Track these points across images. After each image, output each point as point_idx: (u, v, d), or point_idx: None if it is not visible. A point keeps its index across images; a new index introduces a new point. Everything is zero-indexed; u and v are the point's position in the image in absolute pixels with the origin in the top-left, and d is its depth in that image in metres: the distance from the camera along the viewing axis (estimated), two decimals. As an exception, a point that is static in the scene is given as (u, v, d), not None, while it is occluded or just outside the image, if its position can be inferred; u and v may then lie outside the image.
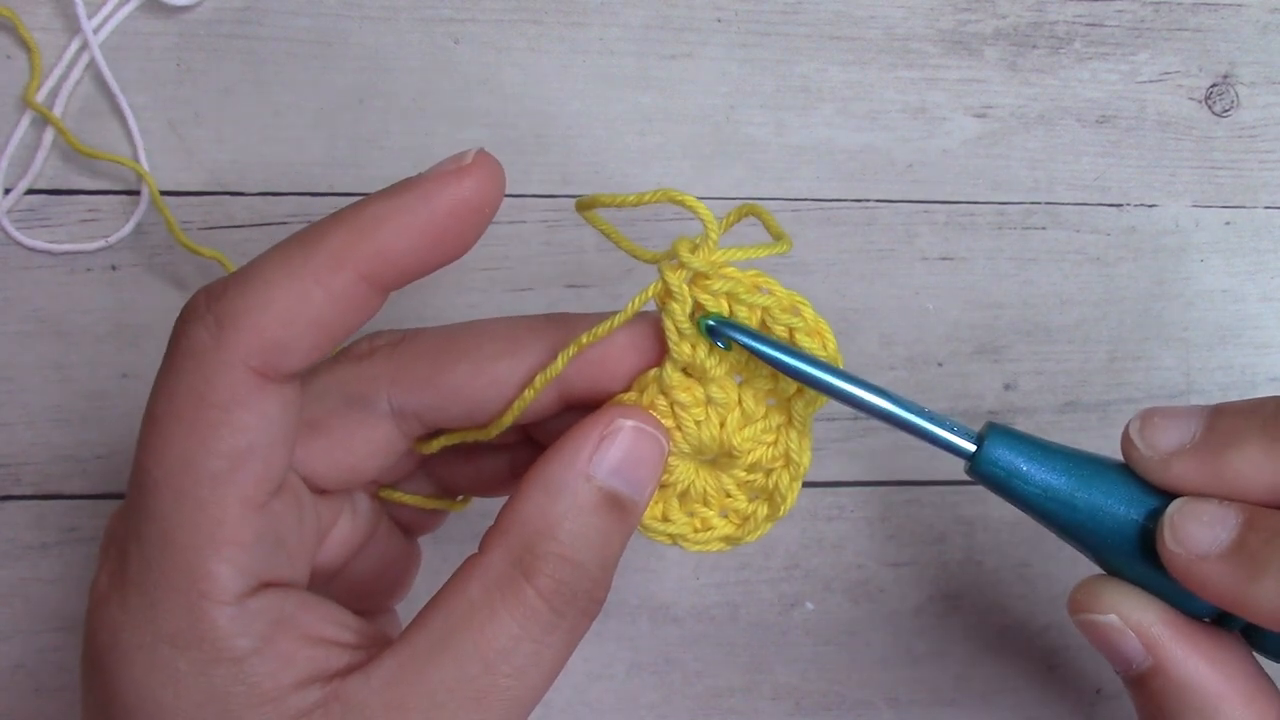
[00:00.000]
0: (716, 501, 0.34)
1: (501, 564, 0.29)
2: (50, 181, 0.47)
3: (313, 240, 0.27)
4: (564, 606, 0.29)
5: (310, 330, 0.27)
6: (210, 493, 0.27)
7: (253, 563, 0.27)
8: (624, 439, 0.30)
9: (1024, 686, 0.47)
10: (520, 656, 0.28)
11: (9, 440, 0.45)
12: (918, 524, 0.48)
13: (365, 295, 0.28)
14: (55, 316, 0.46)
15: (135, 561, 0.27)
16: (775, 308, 0.31)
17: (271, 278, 0.27)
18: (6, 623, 0.44)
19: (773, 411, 0.33)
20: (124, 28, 0.48)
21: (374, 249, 0.27)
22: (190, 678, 0.27)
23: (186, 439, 0.27)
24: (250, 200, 0.47)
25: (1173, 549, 0.31)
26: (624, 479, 0.30)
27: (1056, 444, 0.34)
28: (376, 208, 0.28)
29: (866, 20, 0.51)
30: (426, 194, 0.28)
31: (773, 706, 0.46)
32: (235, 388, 0.27)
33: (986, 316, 0.49)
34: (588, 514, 0.30)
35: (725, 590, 0.47)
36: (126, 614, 0.27)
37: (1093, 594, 0.33)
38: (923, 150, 0.50)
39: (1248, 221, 0.51)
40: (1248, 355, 0.50)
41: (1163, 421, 0.33)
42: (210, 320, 0.27)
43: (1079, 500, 0.32)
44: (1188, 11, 0.52)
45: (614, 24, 0.50)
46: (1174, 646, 0.32)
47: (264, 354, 0.27)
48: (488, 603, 0.28)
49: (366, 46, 0.49)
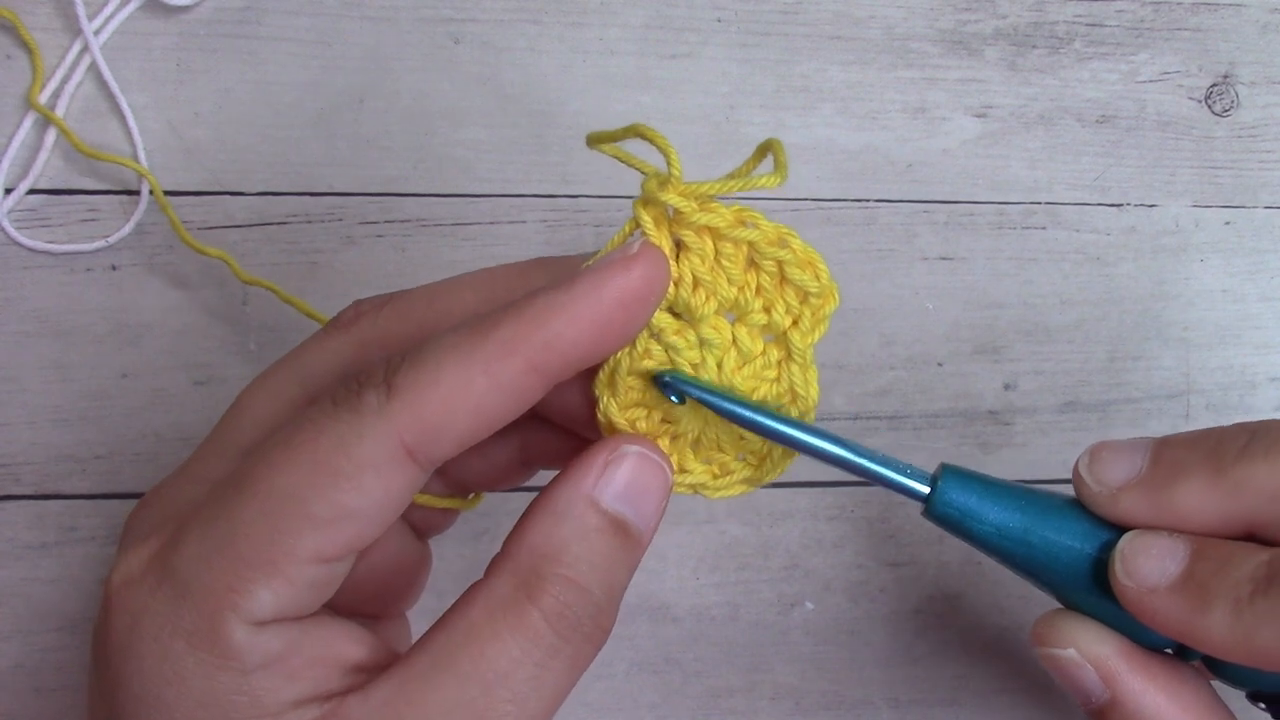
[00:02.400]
0: (731, 445, 0.33)
1: (506, 587, 0.29)
2: (50, 182, 0.47)
3: (485, 328, 0.28)
4: (568, 631, 0.29)
5: (470, 416, 0.28)
6: (297, 530, 0.27)
7: (293, 601, 0.28)
8: (629, 465, 0.30)
9: (1024, 686, 0.47)
10: (521, 681, 0.28)
11: (9, 440, 0.45)
12: (918, 524, 0.48)
13: (530, 385, 0.28)
14: (55, 316, 0.46)
15: (189, 553, 0.27)
16: (761, 242, 0.30)
17: (443, 360, 0.28)
18: (6, 623, 0.44)
19: (770, 347, 0.32)
20: (124, 28, 0.48)
21: (544, 339, 0.28)
22: (196, 679, 0.27)
23: (307, 474, 0.27)
24: (250, 200, 0.47)
25: (1124, 582, 0.31)
26: (629, 505, 0.30)
27: (1010, 483, 0.34)
28: (548, 298, 0.28)
29: (866, 20, 0.51)
30: (597, 285, 0.28)
31: (773, 706, 0.46)
32: (380, 453, 0.27)
33: (986, 316, 0.49)
34: (594, 538, 0.29)
35: (725, 590, 0.47)
36: (154, 601, 0.27)
37: (1052, 628, 0.34)
38: (923, 150, 0.50)
39: (1248, 221, 0.51)
40: (1248, 355, 0.50)
41: (1110, 456, 0.33)
42: (383, 389, 0.27)
43: (1033, 538, 0.33)
44: (1188, 11, 0.52)
45: (614, 24, 0.50)
46: (1131, 679, 0.32)
47: (421, 433, 0.27)
48: (490, 624, 0.28)
49: (366, 46, 0.49)
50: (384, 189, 0.48)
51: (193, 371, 0.46)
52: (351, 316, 0.33)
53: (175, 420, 0.46)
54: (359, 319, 0.33)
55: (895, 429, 0.48)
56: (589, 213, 0.48)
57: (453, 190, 0.48)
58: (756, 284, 0.31)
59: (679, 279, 0.30)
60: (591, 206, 0.48)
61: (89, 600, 0.45)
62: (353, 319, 0.33)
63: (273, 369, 0.33)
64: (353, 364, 0.32)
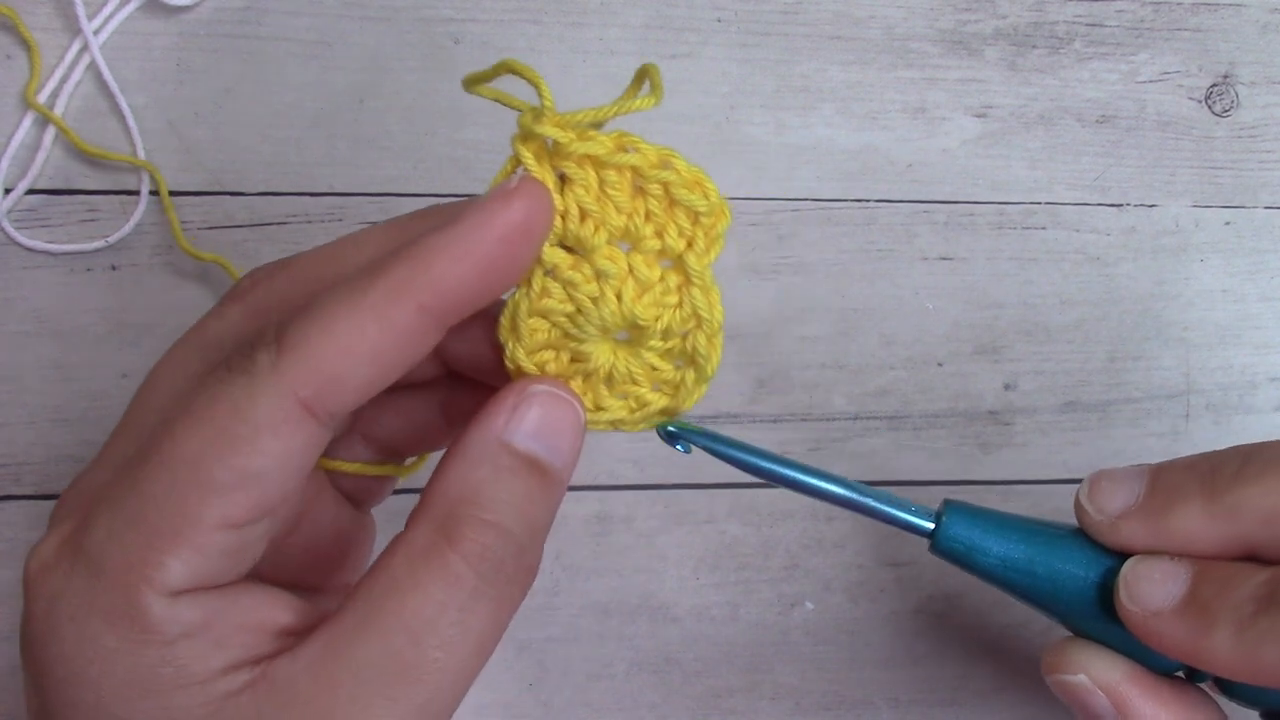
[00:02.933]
0: (645, 377, 0.33)
1: (424, 535, 0.29)
2: (50, 181, 0.47)
3: (372, 274, 0.28)
4: (490, 573, 0.28)
5: (367, 363, 0.28)
6: (201, 498, 0.27)
7: (206, 570, 0.27)
8: (538, 405, 0.30)
9: (1024, 686, 0.47)
10: (447, 626, 0.28)
11: (9, 440, 0.45)
12: (918, 524, 0.48)
13: (423, 329, 0.28)
14: (55, 316, 0.46)
15: (100, 532, 0.27)
16: (644, 165, 0.30)
17: (334, 311, 0.27)
18: (6, 623, 0.44)
19: (669, 273, 0.31)
20: (124, 28, 0.48)
21: (430, 280, 0.28)
22: (118, 655, 0.27)
23: (206, 441, 0.27)
24: (250, 200, 0.47)
25: (1129, 607, 0.32)
26: (542, 444, 0.30)
27: (1013, 515, 0.35)
28: (431, 239, 0.28)
29: (866, 20, 0.51)
30: (477, 222, 0.28)
31: (773, 706, 0.46)
32: (274, 413, 0.27)
33: (986, 316, 0.49)
34: (508, 478, 0.29)
35: (725, 590, 0.47)
36: (68, 584, 0.27)
37: (1062, 655, 0.34)
38: (923, 150, 0.50)
39: (1248, 221, 0.51)
40: (1248, 355, 0.50)
41: (1108, 485, 0.34)
42: (273, 346, 0.27)
43: (1038, 568, 0.34)
44: (1188, 11, 0.52)
45: (614, 24, 0.50)
46: (1142, 704, 0.33)
47: (318, 385, 0.27)
48: (411, 573, 0.28)
49: (366, 46, 0.49)
50: (384, 189, 0.48)
51: (193, 371, 0.46)
52: (248, 285, 0.32)
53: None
54: (255, 286, 0.32)
55: (895, 429, 0.48)
56: (589, 213, 0.48)
57: (453, 190, 0.48)
58: (645, 209, 0.31)
59: (565, 212, 0.30)
60: (591, 206, 0.48)
61: (89, 600, 0.45)
62: (249, 287, 0.32)
63: (174, 346, 0.32)
64: (249, 330, 0.31)
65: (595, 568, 0.46)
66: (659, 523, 0.47)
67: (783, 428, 0.48)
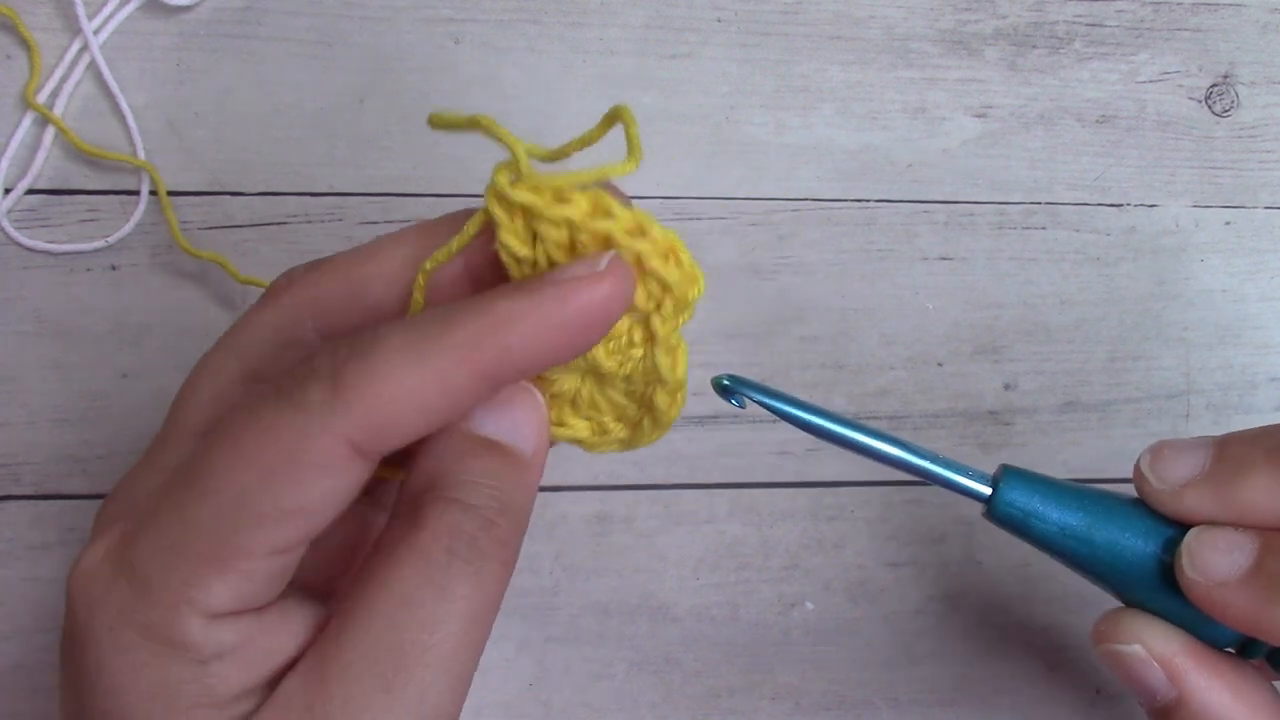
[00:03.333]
0: (608, 408, 0.32)
1: (395, 527, 0.29)
2: (50, 181, 0.47)
3: (439, 331, 0.27)
4: (462, 548, 0.28)
5: (418, 419, 0.27)
6: (249, 530, 0.27)
7: (250, 593, 0.28)
8: (497, 395, 0.30)
9: (1024, 686, 0.47)
10: (425, 606, 0.28)
11: (9, 440, 0.45)
12: (918, 524, 0.48)
13: (479, 390, 0.28)
14: (55, 316, 0.46)
15: (145, 549, 0.27)
16: (618, 233, 0.29)
17: (395, 361, 0.27)
18: (6, 623, 0.44)
19: (635, 326, 0.31)
20: (124, 28, 0.48)
21: (499, 348, 0.27)
22: (149, 668, 0.27)
23: (256, 476, 0.27)
24: (250, 200, 0.47)
25: (1192, 577, 0.32)
26: (499, 426, 0.30)
27: (1069, 482, 0.34)
28: (507, 305, 0.27)
29: (866, 20, 0.51)
30: (562, 296, 0.28)
31: (773, 706, 0.46)
32: (327, 455, 0.27)
33: (986, 316, 0.49)
34: (469, 460, 0.29)
35: (725, 590, 0.47)
36: (110, 594, 0.27)
37: (1117, 625, 0.34)
38: (923, 150, 0.50)
39: (1248, 221, 0.51)
40: (1248, 355, 0.50)
41: (1172, 454, 0.33)
42: (329, 384, 0.27)
43: (1096, 536, 0.33)
44: (1188, 11, 0.52)
45: (614, 24, 0.50)
46: (1198, 677, 0.33)
47: (367, 434, 0.27)
48: (384, 562, 0.28)
49: (366, 46, 0.49)
50: (384, 189, 0.48)
51: (193, 371, 0.46)
52: (283, 284, 0.32)
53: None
54: (290, 285, 0.32)
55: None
56: (589, 213, 0.48)
57: (453, 190, 0.48)
58: None
59: (535, 262, 0.30)
60: (591, 206, 0.48)
61: (89, 600, 0.45)
62: (284, 286, 0.32)
63: (213, 349, 0.32)
64: (287, 333, 0.31)
65: (595, 568, 0.46)
66: (659, 523, 0.47)
67: (782, 428, 0.48)
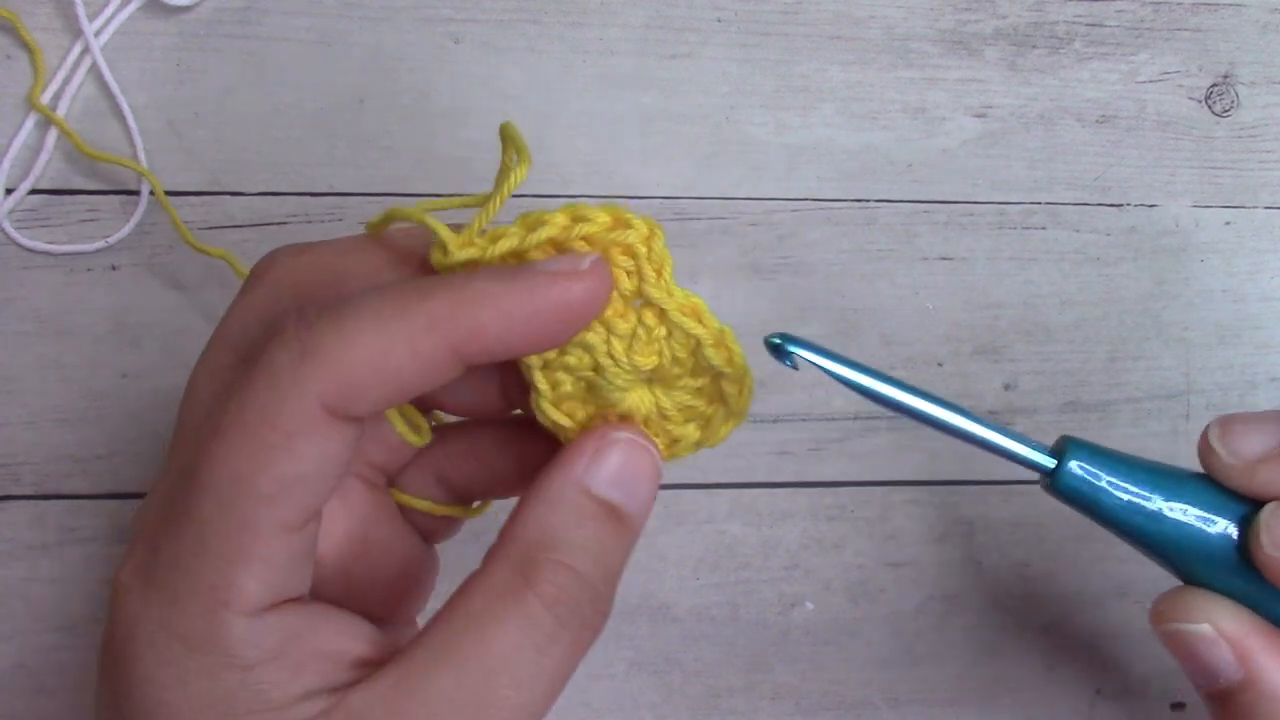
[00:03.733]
0: (678, 414, 0.33)
1: (503, 575, 0.29)
2: (50, 182, 0.47)
3: (414, 298, 0.27)
4: (567, 616, 0.29)
5: (387, 383, 0.27)
6: (253, 510, 0.27)
7: (278, 580, 0.28)
8: (618, 451, 0.31)
9: (1024, 686, 0.47)
10: (522, 666, 0.28)
11: (9, 440, 0.45)
12: (918, 524, 0.48)
13: (447, 364, 0.28)
14: (55, 316, 0.46)
15: (165, 560, 0.27)
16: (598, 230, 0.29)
17: (365, 324, 0.27)
18: (6, 623, 0.44)
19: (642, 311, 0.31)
20: (124, 28, 0.48)
21: (471, 324, 0.27)
22: (198, 680, 0.27)
23: (244, 455, 0.27)
24: (250, 200, 0.47)
25: (1271, 553, 0.31)
26: (620, 491, 0.30)
27: (1133, 456, 0.33)
28: (484, 284, 0.28)
29: (866, 20, 0.51)
30: (536, 286, 0.28)
31: (773, 706, 0.46)
32: (303, 417, 0.27)
33: (986, 316, 0.49)
34: (587, 523, 0.30)
35: (725, 590, 0.47)
36: (146, 609, 0.27)
37: (1182, 604, 0.33)
38: (923, 150, 0.50)
39: (1248, 221, 0.51)
40: (1248, 355, 0.50)
41: (1244, 428, 0.32)
42: (296, 347, 0.27)
43: (1164, 511, 0.32)
44: (1188, 11, 0.52)
45: (614, 24, 0.50)
46: (1266, 658, 0.32)
47: (338, 394, 0.27)
48: (489, 612, 0.28)
49: (366, 46, 0.49)
50: (384, 189, 0.48)
51: (193, 371, 0.46)
52: (265, 266, 0.32)
53: (175, 420, 0.46)
54: (272, 266, 0.32)
55: (895, 429, 0.48)
56: (589, 213, 0.48)
57: (453, 190, 0.48)
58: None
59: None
60: (591, 206, 0.48)
61: (89, 600, 0.45)
62: (266, 268, 0.32)
63: (207, 346, 0.32)
64: (272, 315, 0.31)
65: (595, 568, 0.46)
66: (659, 523, 0.47)
67: (782, 428, 0.48)
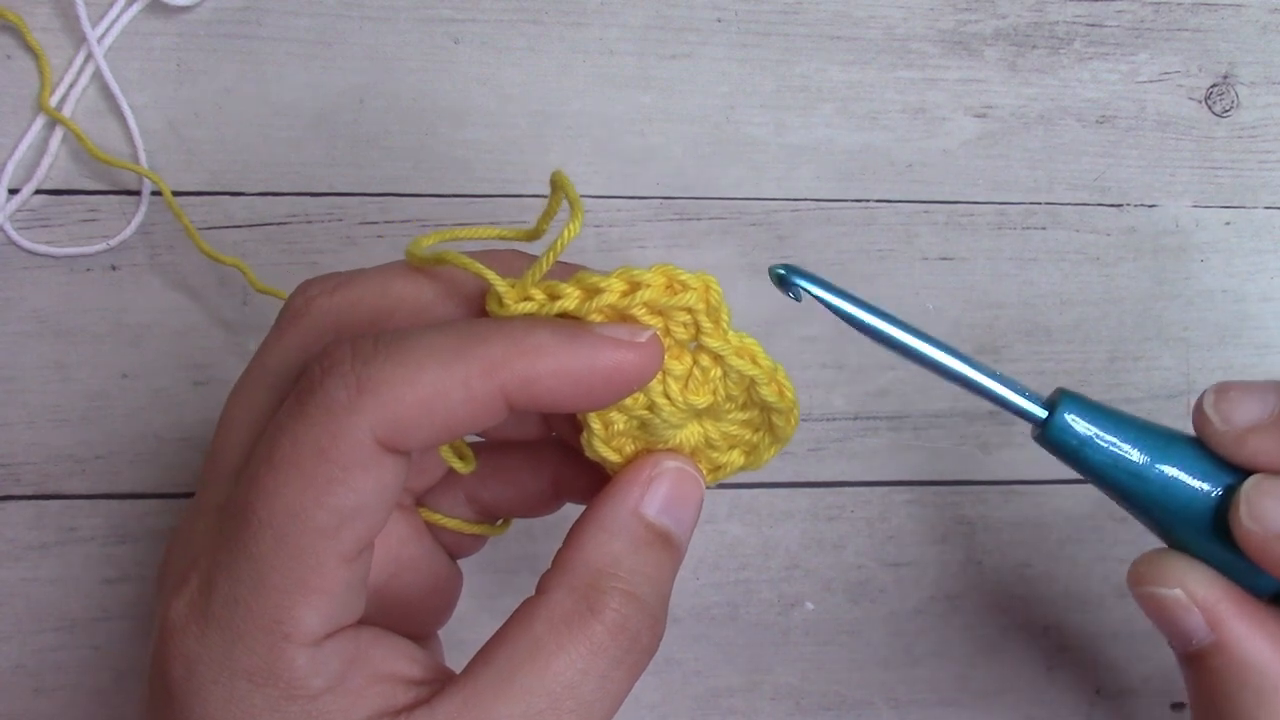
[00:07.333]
0: (724, 441, 0.34)
1: (566, 602, 0.29)
2: (51, 182, 0.47)
3: (472, 341, 0.28)
4: (629, 642, 0.30)
5: (439, 423, 0.28)
6: (311, 544, 0.27)
7: (336, 611, 0.28)
8: (669, 480, 0.32)
9: (1024, 686, 0.47)
10: (586, 691, 0.29)
11: (9, 440, 0.45)
12: (918, 524, 0.48)
13: (499, 409, 0.28)
14: (55, 316, 0.46)
15: (222, 597, 0.28)
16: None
17: (424, 363, 0.27)
18: (6, 623, 0.44)
19: (700, 356, 0.32)
20: (124, 28, 0.48)
21: (527, 374, 0.28)
22: (265, 714, 0.27)
23: (300, 489, 0.27)
24: (250, 200, 0.47)
25: (1248, 526, 0.31)
26: (670, 517, 0.32)
27: (1128, 414, 0.33)
28: (543, 337, 0.28)
29: (866, 20, 0.51)
30: (594, 348, 0.29)
31: (773, 706, 0.46)
32: (358, 451, 0.27)
33: (986, 316, 0.49)
34: (645, 551, 0.31)
35: (725, 590, 0.47)
36: (205, 648, 0.28)
37: (1157, 567, 0.33)
38: (923, 150, 0.50)
39: (1248, 221, 0.51)
40: (1248, 355, 0.50)
41: (1239, 396, 0.32)
42: (352, 381, 0.27)
43: (1150, 472, 0.32)
44: (1188, 11, 0.52)
45: (614, 24, 0.50)
46: (1237, 624, 0.32)
47: (391, 429, 0.27)
48: (555, 638, 0.29)
49: (366, 46, 0.49)
50: (384, 189, 0.48)
51: (193, 372, 0.46)
52: (301, 304, 0.32)
53: (175, 420, 0.46)
54: (309, 306, 0.32)
55: (895, 429, 0.48)
56: (590, 213, 0.48)
57: (453, 190, 0.48)
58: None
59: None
60: (593, 207, 0.48)
61: (89, 600, 0.45)
62: (303, 307, 0.32)
63: (241, 379, 0.32)
64: (309, 352, 0.31)
65: (595, 568, 0.46)
66: (659, 523, 0.47)
67: (783, 428, 0.48)
